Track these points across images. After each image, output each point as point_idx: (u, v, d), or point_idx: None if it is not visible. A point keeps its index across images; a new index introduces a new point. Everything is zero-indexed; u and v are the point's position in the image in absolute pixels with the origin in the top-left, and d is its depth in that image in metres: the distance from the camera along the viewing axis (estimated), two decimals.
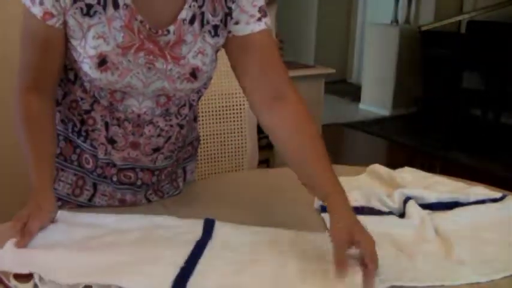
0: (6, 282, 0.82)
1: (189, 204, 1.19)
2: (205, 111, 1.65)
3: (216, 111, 1.67)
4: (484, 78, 4.85)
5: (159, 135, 1.08)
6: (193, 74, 1.02)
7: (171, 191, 1.22)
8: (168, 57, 0.99)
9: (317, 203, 1.18)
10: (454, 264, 0.94)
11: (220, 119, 1.69)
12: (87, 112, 1.05)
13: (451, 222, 1.11)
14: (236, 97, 1.70)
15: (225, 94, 1.67)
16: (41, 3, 0.93)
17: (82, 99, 1.04)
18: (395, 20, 5.74)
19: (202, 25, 1.01)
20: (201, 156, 1.58)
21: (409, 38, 5.38)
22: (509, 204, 1.19)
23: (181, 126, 1.11)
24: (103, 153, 1.08)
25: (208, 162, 1.64)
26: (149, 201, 1.18)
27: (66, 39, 0.98)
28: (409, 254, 0.98)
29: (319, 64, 4.33)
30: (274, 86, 1.05)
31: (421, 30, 5.22)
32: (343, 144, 4.81)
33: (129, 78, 0.98)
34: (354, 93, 6.26)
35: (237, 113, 1.71)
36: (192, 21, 0.99)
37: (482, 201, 1.20)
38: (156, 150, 1.10)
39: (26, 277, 0.83)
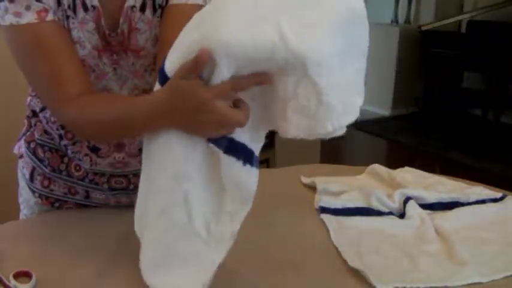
0: (6, 282, 0.82)
1: None
2: None
3: None
4: (484, 78, 4.84)
5: None
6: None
7: None
8: (128, 52, 0.97)
9: (317, 203, 1.18)
10: (455, 265, 0.94)
11: None
12: (64, 127, 1.03)
13: (451, 222, 1.11)
14: None
15: None
16: (28, 8, 0.85)
17: None
18: (396, 20, 5.74)
19: (154, 11, 0.97)
20: None
21: (409, 38, 5.37)
22: (509, 204, 1.19)
23: None
24: (89, 165, 1.06)
25: None
26: None
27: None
28: (410, 255, 0.98)
29: None
30: None
31: (421, 30, 5.21)
32: (343, 144, 4.81)
33: (105, 81, 0.98)
34: None
35: None
36: (142, 9, 0.96)
37: (482, 201, 1.21)
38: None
39: (26, 277, 0.83)
